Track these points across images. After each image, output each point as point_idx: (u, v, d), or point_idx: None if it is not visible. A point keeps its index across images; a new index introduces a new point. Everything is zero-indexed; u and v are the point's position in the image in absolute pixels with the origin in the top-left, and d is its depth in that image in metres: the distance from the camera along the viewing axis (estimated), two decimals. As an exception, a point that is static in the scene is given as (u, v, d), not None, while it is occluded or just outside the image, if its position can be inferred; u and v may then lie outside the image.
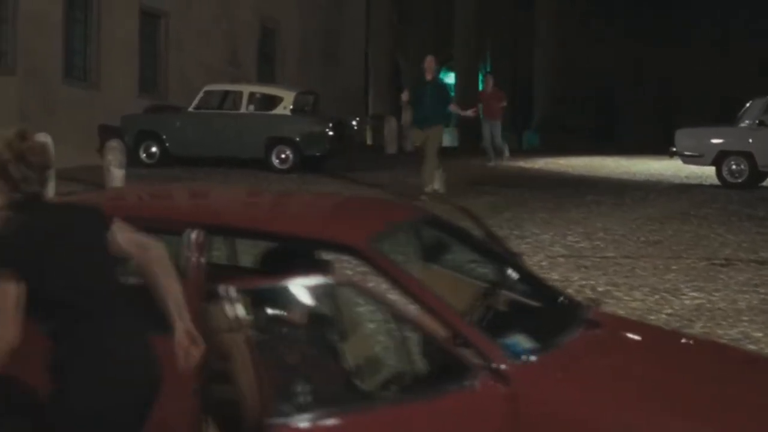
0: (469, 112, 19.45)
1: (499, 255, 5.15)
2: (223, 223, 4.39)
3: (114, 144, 17.26)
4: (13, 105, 19.70)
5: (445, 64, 51.22)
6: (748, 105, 19.30)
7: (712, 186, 19.50)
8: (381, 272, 4.18)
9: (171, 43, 25.05)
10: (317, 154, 20.69)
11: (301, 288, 4.37)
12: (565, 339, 4.40)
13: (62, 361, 3.66)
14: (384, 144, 28.46)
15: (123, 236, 3.79)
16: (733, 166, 19.10)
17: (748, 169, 18.94)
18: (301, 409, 4.01)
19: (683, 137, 19.63)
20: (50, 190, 9.29)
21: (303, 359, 4.41)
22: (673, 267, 11.22)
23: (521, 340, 4.24)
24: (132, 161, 18.54)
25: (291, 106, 20.81)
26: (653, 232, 13.55)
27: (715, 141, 19.26)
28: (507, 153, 24.67)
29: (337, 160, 21.45)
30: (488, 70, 50.33)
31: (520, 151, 40.39)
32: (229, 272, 4.65)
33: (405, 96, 17.16)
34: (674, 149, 19.77)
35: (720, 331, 8.41)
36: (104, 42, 22.29)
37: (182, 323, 3.71)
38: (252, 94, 21.34)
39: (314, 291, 4.46)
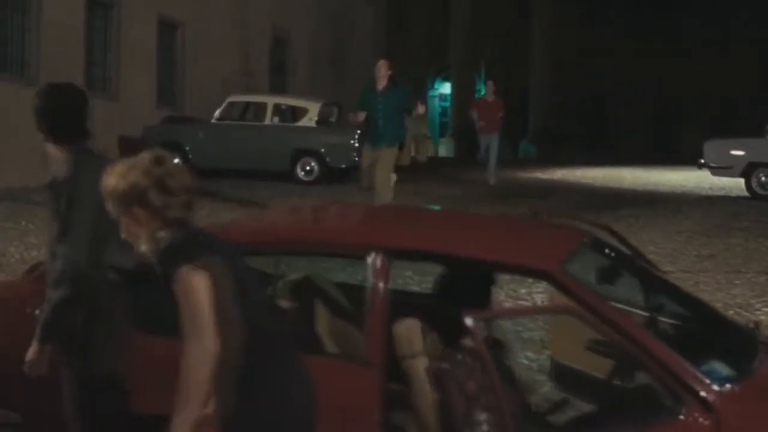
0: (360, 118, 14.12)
1: (657, 277, 5.03)
2: (412, 248, 4.25)
3: (129, 154, 17.06)
4: (31, 115, 19.49)
5: (441, 73, 51.38)
6: (777, 116, 19.24)
7: (740, 198, 19.44)
8: (574, 297, 4.05)
9: (188, 54, 24.90)
10: (343, 165, 20.57)
11: (480, 315, 4.26)
12: (756, 365, 4.28)
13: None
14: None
15: None
16: (763, 178, 19.05)
17: (777, 180, 18.92)
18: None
19: (712, 149, 19.57)
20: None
21: (485, 388, 4.28)
22: (736, 282, 11.13)
23: (719, 368, 4.13)
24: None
25: (316, 118, 20.68)
26: (703, 245, 13.45)
27: (744, 152, 19.19)
28: (492, 178, 21.43)
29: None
30: (483, 78, 50.72)
31: (516, 161, 40.57)
32: (405, 298, 4.52)
33: (355, 116, 14.07)
34: (702, 161, 19.69)
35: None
36: (124, 52, 22.14)
37: None
38: (277, 106, 21.21)
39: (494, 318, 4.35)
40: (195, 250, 3.38)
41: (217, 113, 21.19)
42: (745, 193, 19.74)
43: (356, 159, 20.42)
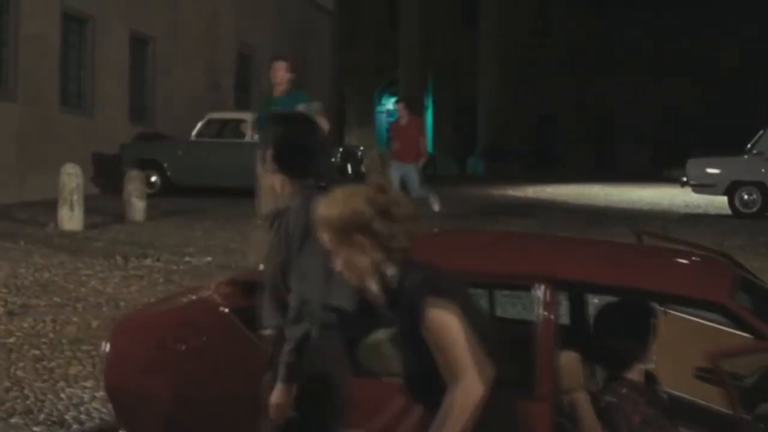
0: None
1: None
2: (585, 279, 4.14)
3: (134, 174, 16.88)
4: (13, 131, 19.19)
5: (389, 88, 51.40)
6: (760, 134, 19.44)
7: (721, 216, 19.58)
8: (748, 328, 3.98)
9: (158, 69, 24.62)
10: (324, 183, 20.38)
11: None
12: None
13: None
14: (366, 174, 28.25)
15: None
16: (745, 197, 19.23)
17: (760, 199, 19.06)
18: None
19: (695, 167, 19.73)
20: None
21: (648, 421, 4.20)
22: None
23: None
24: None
25: (297, 135, 20.53)
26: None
27: (727, 171, 19.37)
28: (436, 205, 17.80)
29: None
30: (431, 94, 50.83)
31: (464, 176, 40.85)
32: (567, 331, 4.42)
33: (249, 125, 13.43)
34: (685, 179, 19.84)
35: None
36: (98, 67, 21.82)
37: None
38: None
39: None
40: (440, 285, 3.25)
41: (195, 130, 20.94)
42: (724, 211, 19.91)
43: (337, 178, 20.35)
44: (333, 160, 20.42)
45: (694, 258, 4.79)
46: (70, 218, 14.81)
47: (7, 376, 7.30)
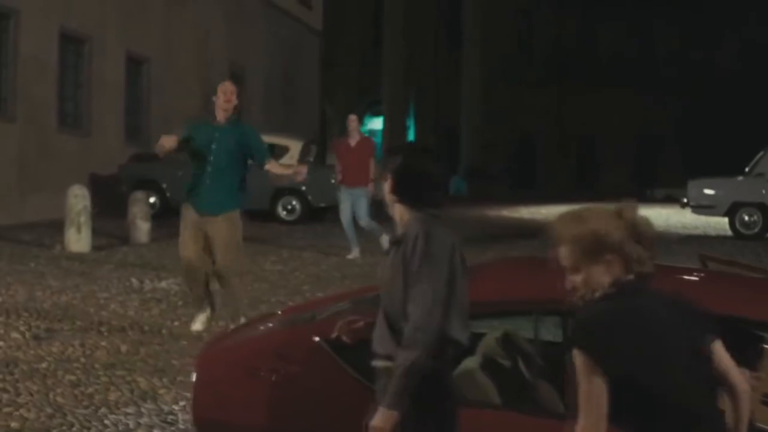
0: (298, 176, 9.55)
1: None
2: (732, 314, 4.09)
3: (139, 196, 16.78)
4: (13, 152, 19.07)
5: (371, 108, 51.46)
6: (760, 155, 19.46)
7: (721, 237, 19.61)
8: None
9: (153, 90, 24.55)
10: (324, 204, 20.37)
11: None
12: None
13: None
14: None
15: (724, 355, 3.46)
16: (746, 218, 19.27)
17: (761, 220, 19.11)
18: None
19: (696, 188, 19.74)
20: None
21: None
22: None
23: None
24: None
25: (297, 156, 20.46)
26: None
27: (728, 192, 19.40)
28: (383, 242, 14.43)
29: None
30: (413, 115, 51.01)
31: (447, 197, 40.75)
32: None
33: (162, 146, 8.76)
34: (685, 200, 19.86)
35: None
36: (94, 88, 21.72)
37: None
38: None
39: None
40: (594, 332, 3.24)
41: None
42: (723, 232, 19.93)
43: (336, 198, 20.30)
44: (333, 181, 20.31)
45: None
46: (78, 240, 14.69)
47: (48, 403, 7.20)
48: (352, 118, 15.93)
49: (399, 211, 3.93)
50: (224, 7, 28.36)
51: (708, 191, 19.63)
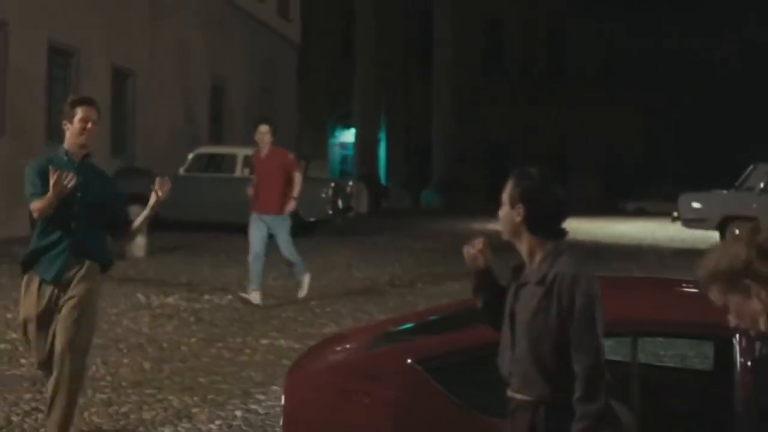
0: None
1: None
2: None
3: (135, 210, 16.57)
4: (1, 166, 18.86)
5: (342, 120, 51.37)
6: (750, 169, 19.59)
7: (711, 251, 19.65)
8: None
9: (138, 103, 24.41)
10: (313, 219, 20.30)
11: None
12: None
13: None
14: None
15: None
16: (737, 232, 19.29)
17: (752, 234, 19.16)
18: None
19: (686, 202, 19.83)
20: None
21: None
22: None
23: None
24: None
25: (289, 169, 20.37)
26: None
27: (718, 206, 19.50)
28: (304, 285, 12.70)
29: (330, 224, 21.21)
30: (384, 127, 51.01)
31: (420, 210, 40.99)
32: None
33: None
34: (676, 214, 19.95)
35: None
36: (82, 101, 21.55)
37: None
38: (247, 158, 20.79)
39: None
40: None
41: (184, 165, 20.73)
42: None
43: (330, 213, 20.24)
44: (323, 195, 20.28)
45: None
46: (76, 254, 14.50)
47: (85, 422, 7.10)
48: (263, 129, 12.33)
49: (530, 243, 3.77)
50: (205, 19, 28.27)
51: (699, 205, 19.73)
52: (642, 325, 4.29)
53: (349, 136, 50.91)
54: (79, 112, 6.22)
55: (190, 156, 20.89)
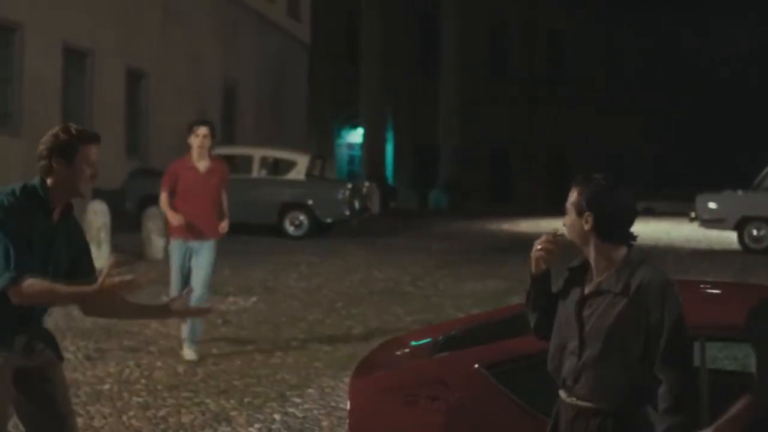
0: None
1: None
2: None
3: (154, 212, 16.59)
4: (20, 167, 18.83)
5: (348, 121, 51.29)
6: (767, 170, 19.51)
7: (730, 251, 19.58)
8: None
9: (151, 104, 24.42)
10: (331, 220, 20.28)
11: None
12: None
13: None
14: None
15: None
16: (755, 232, 19.29)
17: (771, 234, 19.18)
18: None
19: (704, 202, 19.73)
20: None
21: None
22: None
23: None
24: (134, 227, 17.49)
25: (305, 171, 20.38)
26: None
27: (736, 206, 19.40)
28: (191, 352, 9.22)
29: (346, 225, 21.23)
30: (391, 128, 51.05)
31: (428, 210, 40.97)
32: None
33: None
34: (694, 214, 19.88)
35: None
36: (96, 103, 21.59)
37: None
38: (264, 158, 20.82)
39: None
40: None
41: (202, 166, 20.69)
42: (729, 246, 19.95)
43: (347, 214, 20.22)
44: (341, 197, 20.26)
45: None
46: (98, 257, 14.39)
47: (124, 426, 7.08)
48: (202, 132, 9.35)
49: (602, 250, 3.67)
50: (217, 21, 28.25)
51: (717, 205, 19.62)
52: (710, 329, 4.24)
53: (356, 136, 50.79)
54: (91, 153, 4.33)
55: (208, 157, 20.81)
